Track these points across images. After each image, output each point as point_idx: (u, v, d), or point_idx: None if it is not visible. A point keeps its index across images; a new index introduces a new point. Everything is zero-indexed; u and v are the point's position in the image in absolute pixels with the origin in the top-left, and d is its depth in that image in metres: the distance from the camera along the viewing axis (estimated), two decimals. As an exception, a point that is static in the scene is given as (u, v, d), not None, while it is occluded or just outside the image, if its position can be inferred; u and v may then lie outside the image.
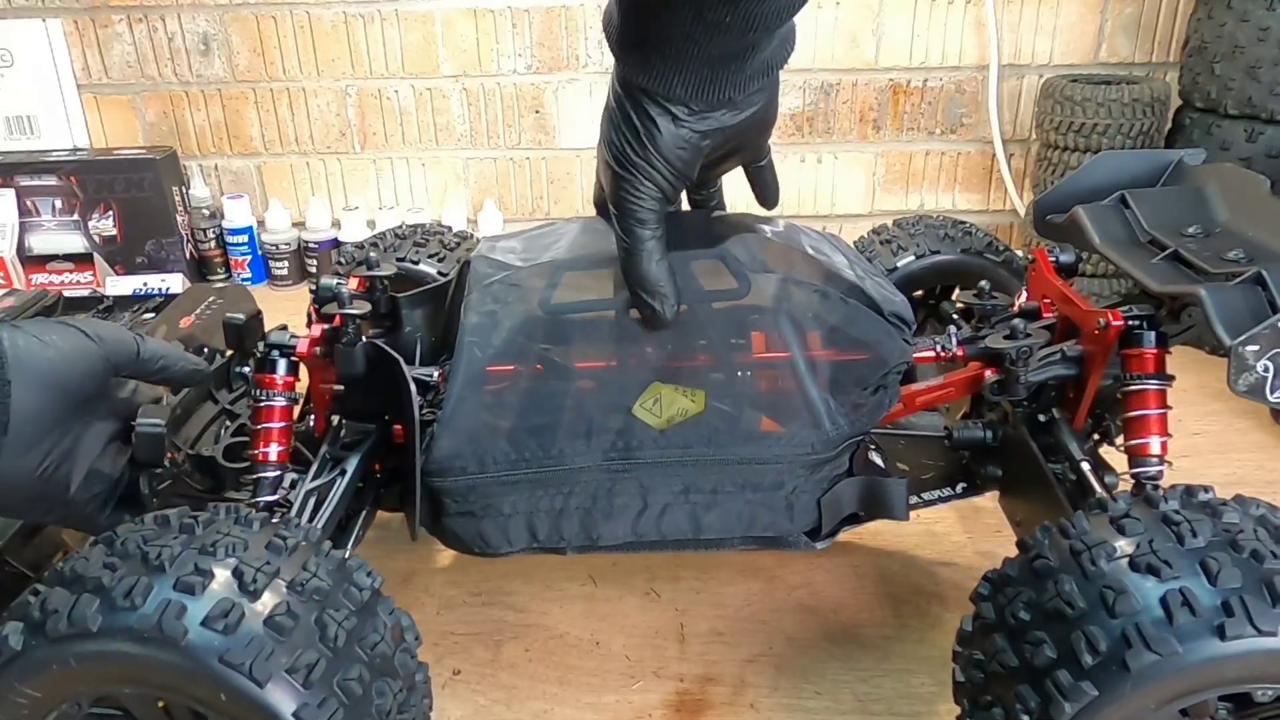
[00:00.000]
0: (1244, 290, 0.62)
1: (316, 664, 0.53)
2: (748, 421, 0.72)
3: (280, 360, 0.73)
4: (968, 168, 1.75)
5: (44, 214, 1.71)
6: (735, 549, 0.75)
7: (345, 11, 1.67)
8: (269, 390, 0.73)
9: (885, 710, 0.79)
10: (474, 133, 1.76)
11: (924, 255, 1.04)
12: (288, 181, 1.81)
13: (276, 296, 1.76)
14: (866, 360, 0.74)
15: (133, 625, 0.51)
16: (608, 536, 0.72)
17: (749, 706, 0.80)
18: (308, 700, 0.52)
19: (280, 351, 0.73)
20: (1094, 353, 0.73)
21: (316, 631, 0.54)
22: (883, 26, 1.66)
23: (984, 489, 0.84)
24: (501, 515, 0.73)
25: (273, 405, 0.73)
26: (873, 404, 0.74)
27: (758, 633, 0.88)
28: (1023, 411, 0.79)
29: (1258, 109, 1.34)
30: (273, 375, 0.73)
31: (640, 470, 0.71)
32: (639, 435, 0.71)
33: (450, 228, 1.15)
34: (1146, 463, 0.72)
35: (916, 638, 0.87)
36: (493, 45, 1.69)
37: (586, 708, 0.80)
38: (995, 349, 0.77)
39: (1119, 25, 1.64)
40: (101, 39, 1.71)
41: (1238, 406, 1.28)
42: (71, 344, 0.63)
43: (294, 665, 0.52)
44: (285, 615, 0.53)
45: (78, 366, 0.63)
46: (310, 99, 1.74)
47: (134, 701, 0.56)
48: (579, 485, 0.72)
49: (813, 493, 0.72)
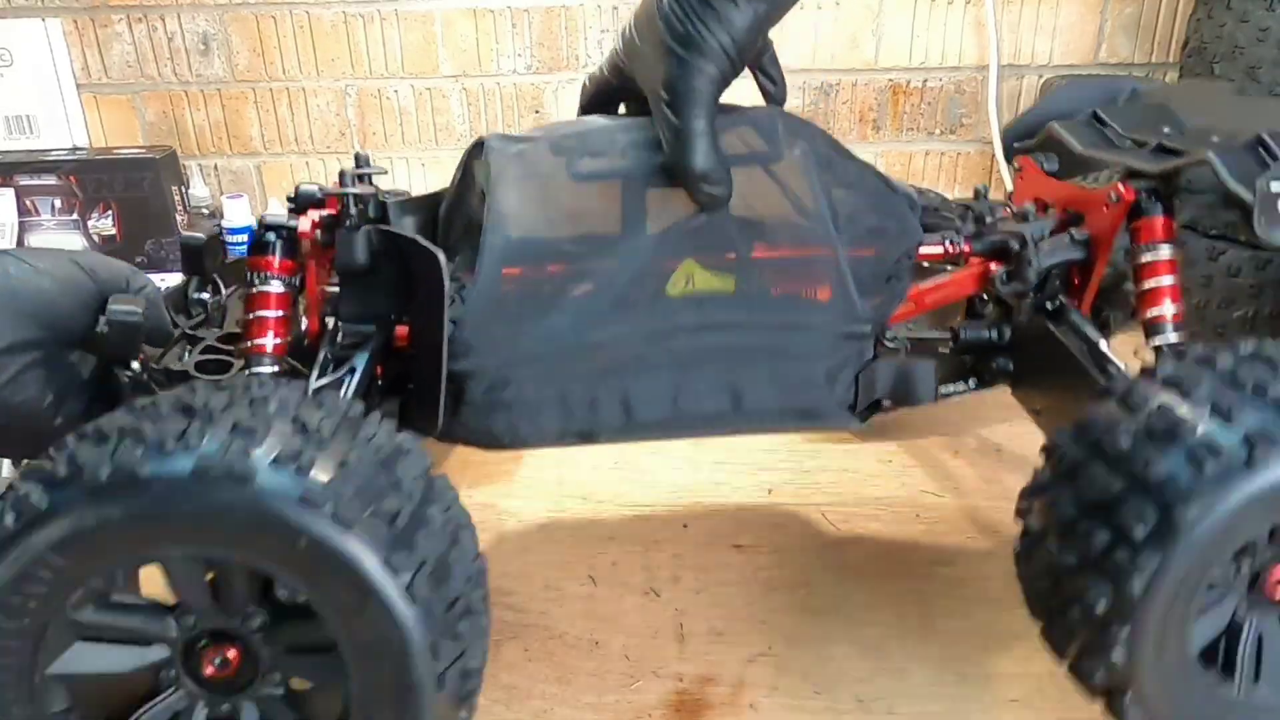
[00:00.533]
0: (1247, 151, 0.64)
1: (400, 512, 0.47)
2: (785, 289, 0.71)
3: (277, 241, 0.68)
4: (967, 168, 1.75)
5: (43, 213, 1.71)
6: (775, 428, 0.73)
7: (345, 11, 1.67)
8: (265, 273, 0.67)
9: (885, 710, 0.79)
10: (474, 133, 1.75)
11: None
12: (287, 181, 1.81)
13: (276, 296, 1.76)
14: (891, 236, 0.74)
15: (192, 468, 0.44)
16: (645, 414, 0.69)
17: (749, 707, 0.80)
18: (395, 550, 0.46)
19: (277, 233, 0.68)
20: (1100, 235, 0.76)
21: (392, 482, 0.48)
22: (882, 27, 1.66)
23: (995, 383, 0.86)
24: (531, 401, 0.68)
25: (268, 291, 0.67)
26: (887, 294, 0.74)
27: (757, 633, 0.88)
28: (1032, 301, 0.80)
29: (1257, 109, 1.34)
30: (269, 258, 0.67)
31: (678, 340, 0.69)
32: (675, 306, 0.69)
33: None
34: (1163, 329, 0.74)
35: (916, 638, 0.87)
36: (493, 45, 1.69)
37: (586, 708, 0.80)
38: (1007, 235, 0.78)
39: (1119, 25, 1.64)
40: (101, 38, 1.71)
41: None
42: (65, 274, 0.63)
43: (379, 510, 0.46)
44: (359, 462, 0.47)
45: (68, 298, 0.63)
46: (310, 99, 1.74)
47: (178, 571, 0.49)
48: (615, 361, 0.68)
49: (851, 366, 0.72)
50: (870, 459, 1.15)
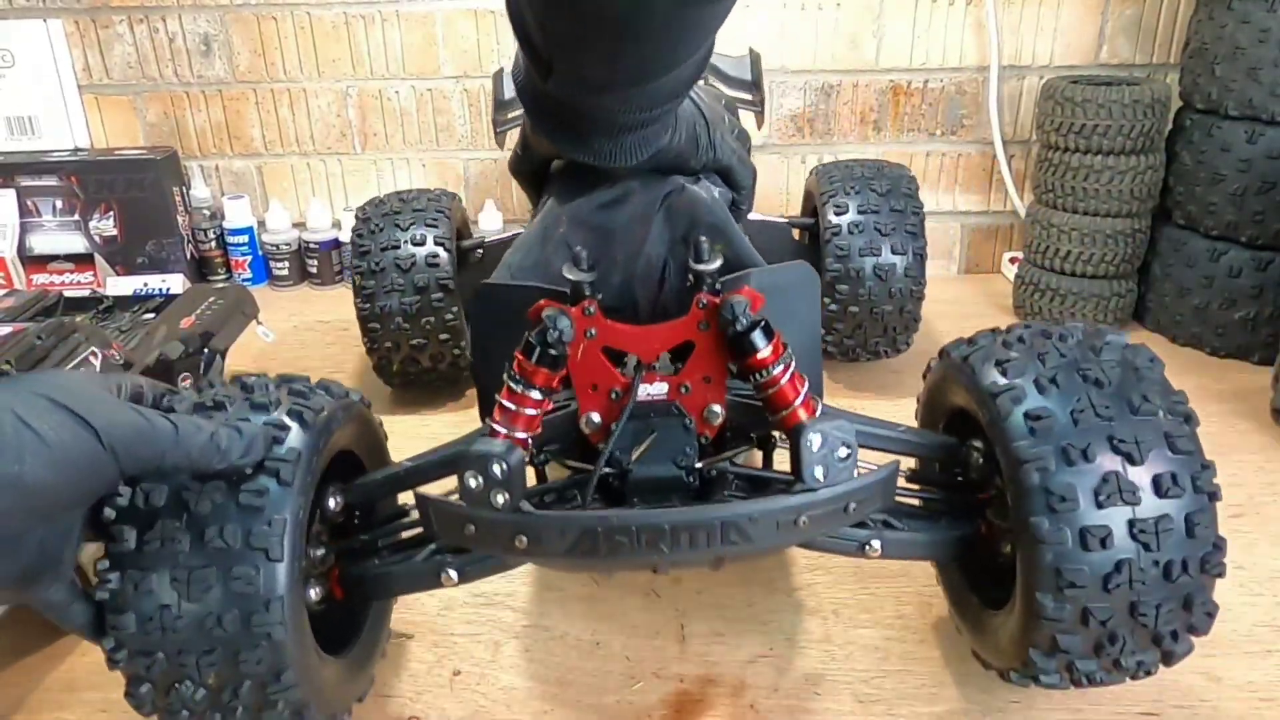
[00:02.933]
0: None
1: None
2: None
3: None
4: (968, 169, 1.75)
5: (45, 214, 1.72)
6: None
7: (346, 12, 1.68)
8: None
9: (885, 711, 0.79)
10: (474, 133, 1.76)
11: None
12: (288, 182, 1.81)
13: (277, 297, 1.76)
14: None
15: None
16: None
17: (749, 707, 0.80)
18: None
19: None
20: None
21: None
22: (883, 28, 1.66)
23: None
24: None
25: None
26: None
27: (758, 634, 0.88)
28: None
29: (1258, 110, 1.34)
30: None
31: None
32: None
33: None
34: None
35: (917, 638, 0.87)
36: (493, 46, 1.69)
37: (587, 709, 0.80)
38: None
39: (1119, 26, 1.64)
40: (102, 39, 1.71)
41: (1238, 408, 1.28)
42: (77, 448, 0.51)
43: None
44: None
45: (72, 478, 0.51)
46: (311, 99, 1.74)
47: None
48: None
49: None
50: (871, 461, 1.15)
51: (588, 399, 0.73)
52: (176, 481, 0.61)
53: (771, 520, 0.64)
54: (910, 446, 0.79)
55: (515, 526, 0.65)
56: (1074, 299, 1.51)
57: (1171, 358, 1.46)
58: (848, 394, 1.33)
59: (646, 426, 0.74)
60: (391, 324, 1.23)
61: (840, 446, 0.66)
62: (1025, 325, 0.75)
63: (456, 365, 1.28)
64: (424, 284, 1.23)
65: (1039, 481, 0.64)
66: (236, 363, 1.40)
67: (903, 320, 1.28)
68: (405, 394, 1.36)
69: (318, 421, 0.68)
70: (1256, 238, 1.38)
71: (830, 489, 0.66)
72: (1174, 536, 0.63)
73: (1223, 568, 0.64)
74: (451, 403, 1.34)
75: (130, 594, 0.60)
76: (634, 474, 0.73)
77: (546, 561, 0.72)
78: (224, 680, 0.62)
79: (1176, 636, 0.65)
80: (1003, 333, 0.75)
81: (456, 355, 1.27)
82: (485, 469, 0.64)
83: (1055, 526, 0.63)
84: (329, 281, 1.80)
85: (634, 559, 0.66)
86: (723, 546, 0.64)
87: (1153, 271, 1.52)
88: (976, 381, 0.71)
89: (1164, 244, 1.50)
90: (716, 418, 0.74)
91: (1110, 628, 0.64)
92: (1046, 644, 0.66)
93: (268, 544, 0.61)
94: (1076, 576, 0.63)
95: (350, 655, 0.75)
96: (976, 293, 1.72)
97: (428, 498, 0.69)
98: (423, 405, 1.33)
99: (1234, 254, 1.41)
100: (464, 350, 1.27)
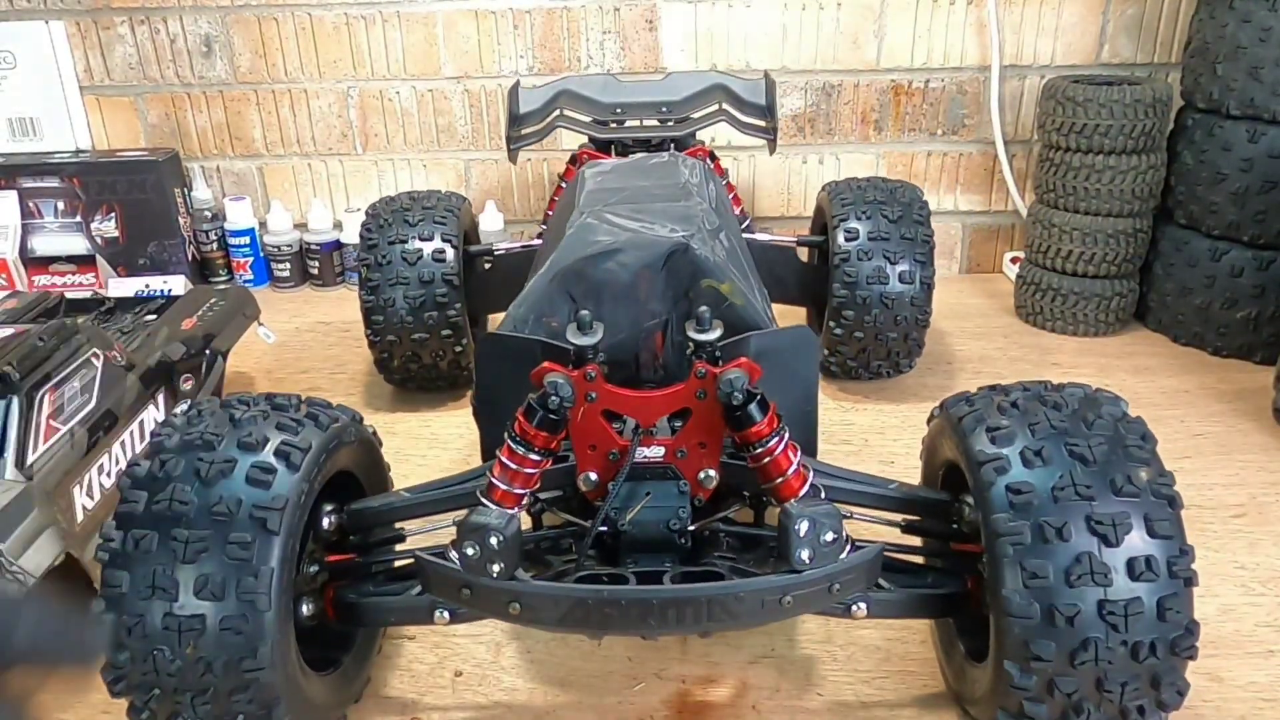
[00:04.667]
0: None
1: None
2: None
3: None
4: (969, 169, 1.75)
5: (46, 216, 1.72)
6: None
7: (347, 13, 1.67)
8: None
9: (886, 711, 0.79)
10: (475, 134, 1.76)
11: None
12: (289, 183, 1.81)
13: (278, 298, 1.76)
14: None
15: None
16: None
17: (751, 708, 0.80)
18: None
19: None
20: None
21: None
22: (884, 28, 1.66)
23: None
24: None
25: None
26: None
27: (759, 635, 0.88)
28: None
29: (1259, 110, 1.34)
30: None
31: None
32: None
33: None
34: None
35: (918, 639, 0.87)
36: (494, 47, 1.69)
37: (589, 709, 0.80)
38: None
39: (1120, 26, 1.64)
40: (104, 41, 1.71)
41: (1240, 408, 1.28)
42: None
43: None
44: None
45: None
46: (312, 100, 1.74)
47: None
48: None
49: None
50: (873, 462, 1.15)
51: (586, 459, 0.75)
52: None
53: (757, 599, 0.67)
54: (902, 505, 0.80)
55: (510, 595, 0.68)
56: (1075, 298, 1.51)
57: (1173, 357, 1.46)
58: (845, 396, 1.33)
59: (642, 488, 0.76)
60: (395, 317, 1.25)
61: (828, 531, 0.69)
62: (1024, 387, 0.76)
63: (458, 364, 1.29)
64: (429, 278, 1.24)
65: (1012, 555, 0.65)
66: (238, 363, 1.40)
67: (906, 346, 1.29)
68: (407, 395, 1.36)
69: (305, 461, 0.70)
70: (1258, 237, 1.38)
71: (815, 571, 0.68)
72: (1144, 619, 0.63)
73: (1194, 651, 0.65)
74: (453, 403, 1.34)
75: (125, 638, 0.67)
76: (628, 533, 0.75)
77: (539, 626, 0.75)
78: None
79: (1144, 711, 0.65)
80: (1000, 394, 0.76)
81: (459, 353, 1.28)
82: (483, 541, 0.68)
83: (1025, 601, 0.64)
84: (330, 283, 1.80)
85: (623, 629, 0.70)
86: (709, 623, 0.68)
87: (1154, 271, 1.52)
88: (967, 446, 0.72)
89: (1165, 243, 1.50)
90: (711, 481, 0.76)
91: (1075, 700, 0.65)
92: (1015, 709, 0.67)
93: (254, 597, 0.65)
94: (1043, 650, 0.64)
95: (340, 670, 0.76)
96: (978, 292, 1.72)
97: (427, 560, 0.72)
98: (424, 406, 1.33)
99: (1236, 253, 1.41)
100: (465, 349, 1.28)
